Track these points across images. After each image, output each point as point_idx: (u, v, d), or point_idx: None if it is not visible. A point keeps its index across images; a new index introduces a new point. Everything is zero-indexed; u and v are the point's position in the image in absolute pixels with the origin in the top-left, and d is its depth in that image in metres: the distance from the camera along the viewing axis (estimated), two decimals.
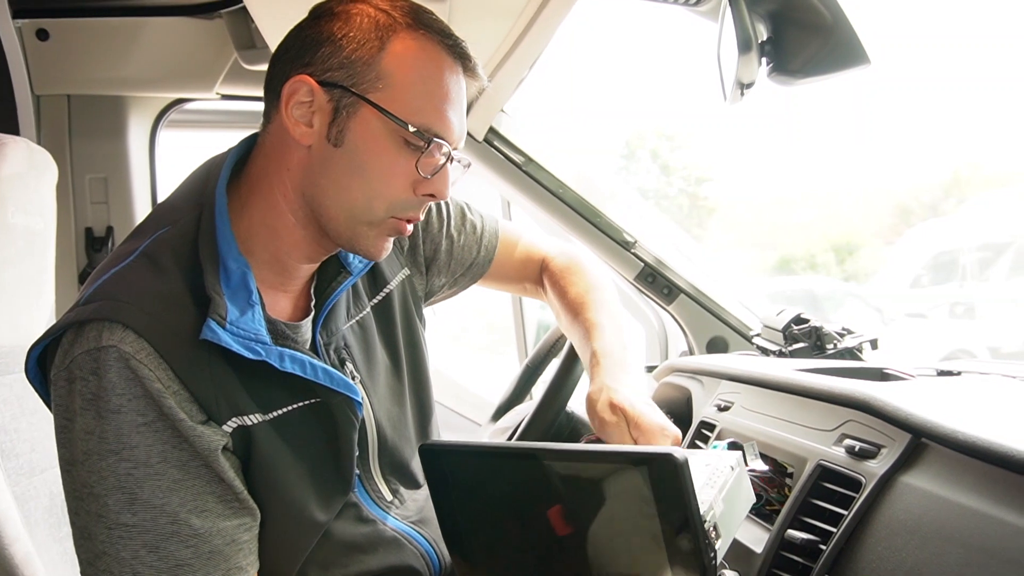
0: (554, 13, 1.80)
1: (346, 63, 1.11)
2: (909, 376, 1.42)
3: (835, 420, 1.18)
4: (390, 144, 1.13)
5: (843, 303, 10.04)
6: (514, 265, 1.59)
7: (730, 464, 1.04)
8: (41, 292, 1.75)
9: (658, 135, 13.55)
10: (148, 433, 1.05)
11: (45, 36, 2.25)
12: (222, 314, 1.09)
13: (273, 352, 1.13)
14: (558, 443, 1.09)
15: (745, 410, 1.46)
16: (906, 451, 1.02)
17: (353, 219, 1.16)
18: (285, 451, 1.16)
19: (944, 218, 10.95)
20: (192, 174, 1.24)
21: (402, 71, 1.12)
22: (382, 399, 1.33)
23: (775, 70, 1.38)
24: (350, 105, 1.12)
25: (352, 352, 1.30)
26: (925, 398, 1.10)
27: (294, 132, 1.13)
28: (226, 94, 2.48)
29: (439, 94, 1.14)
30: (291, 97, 1.12)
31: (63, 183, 2.20)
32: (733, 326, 2.40)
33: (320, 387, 1.18)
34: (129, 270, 1.11)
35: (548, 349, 1.91)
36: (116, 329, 1.05)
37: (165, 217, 1.18)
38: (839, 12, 1.29)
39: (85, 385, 1.04)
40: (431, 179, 1.16)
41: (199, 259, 1.12)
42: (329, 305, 1.26)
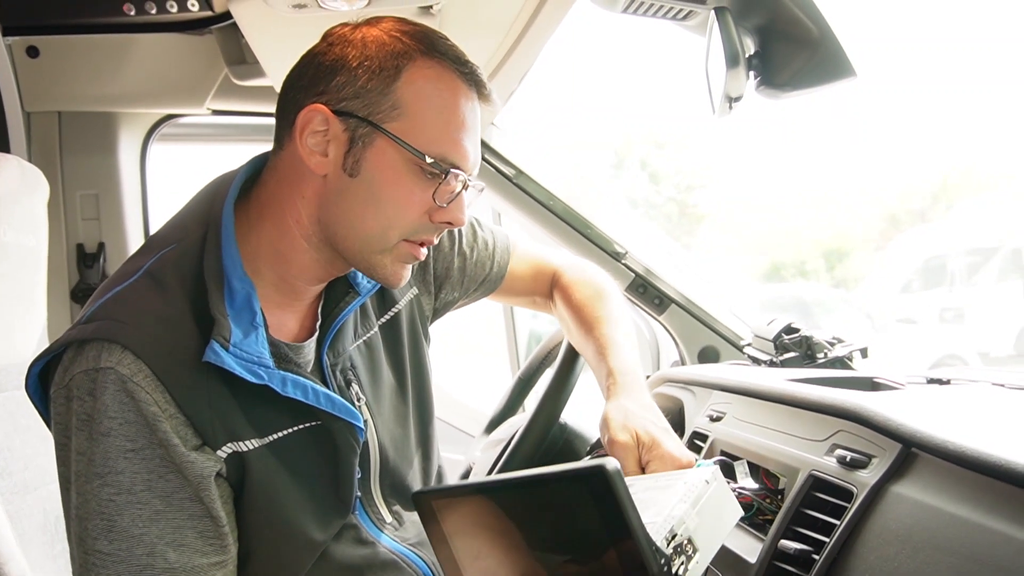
0: (543, 27, 1.81)
1: (361, 92, 1.11)
2: (899, 385, 1.43)
3: (826, 430, 1.19)
4: (406, 174, 1.13)
5: (834, 309, 10.06)
6: (525, 279, 1.59)
7: (704, 478, 1.05)
8: (33, 309, 1.75)
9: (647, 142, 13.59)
10: (135, 460, 1.05)
11: (35, 53, 2.24)
12: (226, 336, 1.09)
13: (275, 376, 1.13)
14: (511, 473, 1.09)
15: (737, 420, 1.47)
16: (897, 461, 1.03)
17: (368, 248, 1.16)
18: (282, 474, 1.16)
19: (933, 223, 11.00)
20: (200, 192, 1.24)
21: (418, 100, 1.12)
22: (386, 420, 1.33)
23: (762, 83, 1.40)
24: (366, 135, 1.12)
25: (358, 373, 1.29)
26: (915, 408, 1.11)
27: (309, 162, 1.13)
28: (217, 109, 2.48)
29: (455, 123, 1.14)
30: (306, 126, 1.12)
31: (54, 200, 2.20)
32: (724, 336, 2.41)
33: (321, 411, 1.18)
34: (132, 290, 1.12)
35: (541, 361, 1.92)
36: (115, 350, 1.05)
37: (171, 235, 1.18)
38: (825, 26, 1.30)
39: (81, 405, 1.05)
40: (447, 207, 1.16)
41: (203, 278, 1.12)
42: (336, 326, 1.26)
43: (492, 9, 1.74)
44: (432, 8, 1.66)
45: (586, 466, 0.96)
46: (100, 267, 2.44)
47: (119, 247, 2.46)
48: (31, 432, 1.65)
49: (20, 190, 1.71)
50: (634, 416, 1.20)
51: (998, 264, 8.99)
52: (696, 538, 0.99)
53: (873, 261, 11.36)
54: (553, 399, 1.60)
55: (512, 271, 1.56)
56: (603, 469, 0.92)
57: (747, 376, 1.56)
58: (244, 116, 2.57)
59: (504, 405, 1.97)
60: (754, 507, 1.28)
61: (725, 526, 1.03)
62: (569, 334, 1.56)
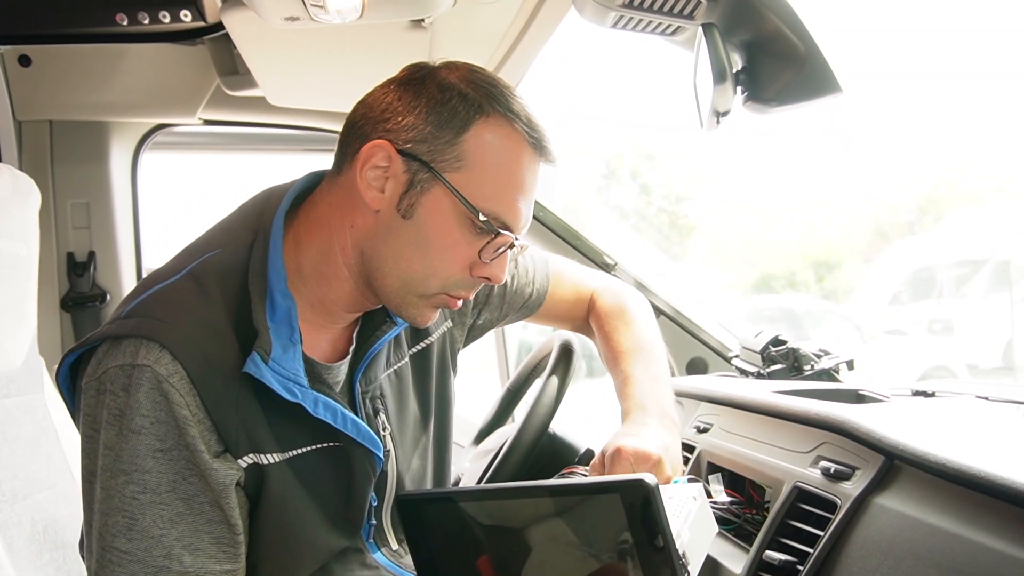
0: (534, 40, 1.83)
1: (428, 137, 1.12)
2: (884, 398, 1.45)
3: (811, 442, 1.20)
4: (457, 225, 1.13)
5: (823, 321, 10.08)
6: (563, 305, 1.59)
7: (692, 495, 1.07)
8: (23, 318, 1.75)
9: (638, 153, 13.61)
10: (163, 460, 1.05)
11: (27, 62, 2.25)
12: (267, 349, 1.09)
13: (309, 396, 1.14)
14: (530, 481, 1.10)
15: (724, 432, 1.48)
16: (880, 473, 1.04)
17: (406, 289, 1.16)
18: (298, 490, 1.17)
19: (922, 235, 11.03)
20: (251, 200, 1.25)
21: (482, 156, 1.12)
22: (407, 452, 1.33)
23: (750, 99, 1.41)
24: (425, 180, 1.12)
25: (387, 403, 1.30)
26: (899, 420, 1.13)
27: (365, 195, 1.13)
28: (209, 119, 2.49)
29: (514, 184, 1.15)
30: (368, 160, 1.13)
31: (45, 208, 2.18)
32: (713, 347, 2.42)
33: (343, 434, 1.18)
34: (174, 289, 1.12)
35: (530, 371, 1.92)
36: (154, 348, 1.05)
37: (217, 239, 1.19)
38: (811, 43, 1.32)
39: (114, 400, 1.05)
40: (489, 264, 1.17)
41: (246, 287, 1.13)
42: (372, 354, 1.26)
43: (483, 22, 1.75)
44: (424, 21, 1.68)
45: (625, 479, 0.98)
46: (90, 276, 2.44)
47: (110, 256, 2.46)
48: (19, 441, 1.65)
49: (11, 199, 1.71)
50: (625, 439, 1.18)
51: (986, 276, 9.01)
52: (688, 552, 1.00)
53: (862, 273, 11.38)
54: (542, 410, 1.60)
55: (550, 297, 1.57)
56: (643, 483, 0.94)
57: (734, 388, 1.57)
58: (236, 126, 2.58)
59: (493, 415, 1.97)
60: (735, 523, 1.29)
61: (707, 541, 1.06)
62: (603, 362, 1.55)
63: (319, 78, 2.02)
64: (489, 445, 1.76)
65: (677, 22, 1.40)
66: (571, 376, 1.62)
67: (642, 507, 0.95)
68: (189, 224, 1.35)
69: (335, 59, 1.88)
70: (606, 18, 1.44)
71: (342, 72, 1.97)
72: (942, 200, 11.31)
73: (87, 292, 2.43)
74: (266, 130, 2.61)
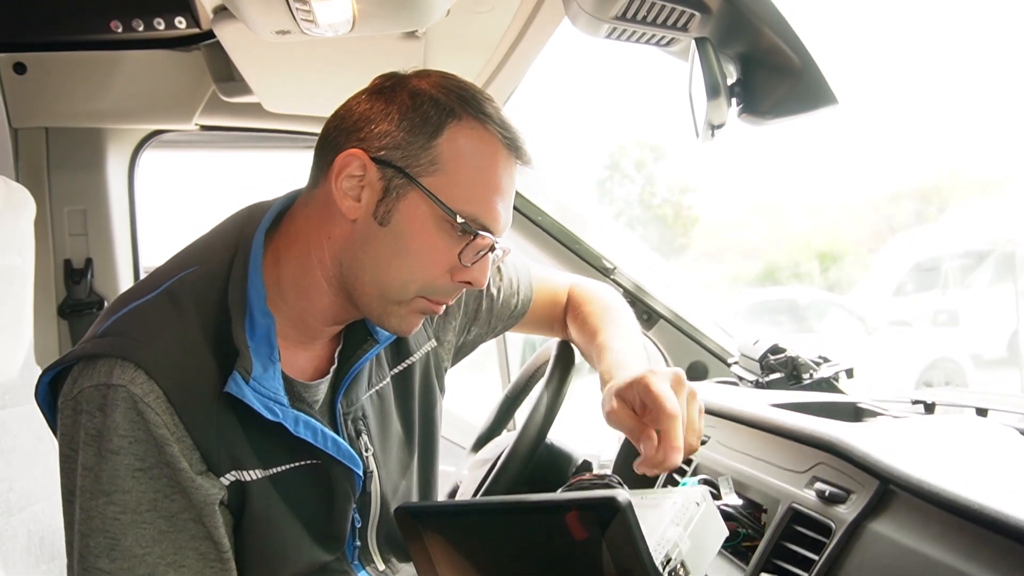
0: (529, 49, 1.81)
1: (402, 144, 1.11)
2: (883, 411, 1.44)
3: (807, 461, 1.19)
4: (435, 230, 1.13)
5: (826, 312, 10.06)
6: (544, 310, 1.59)
7: (695, 500, 1.05)
8: (19, 329, 1.74)
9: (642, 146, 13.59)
10: (143, 479, 1.05)
11: (22, 69, 2.23)
12: (248, 368, 1.09)
13: (289, 415, 1.14)
14: (510, 496, 1.09)
15: (721, 445, 1.47)
16: (874, 498, 1.03)
17: (385, 297, 1.16)
18: (280, 507, 1.16)
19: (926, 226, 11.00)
20: (232, 216, 1.24)
21: (457, 159, 1.12)
22: (391, 473, 1.33)
23: (745, 111, 1.40)
24: (401, 186, 1.12)
25: (369, 424, 1.29)
26: (894, 442, 1.12)
27: (341, 205, 1.13)
28: (205, 125, 2.47)
29: (491, 186, 1.14)
30: (343, 170, 1.12)
31: (41, 216, 2.19)
32: (713, 351, 2.42)
33: (324, 453, 1.18)
34: (149, 307, 1.12)
35: (528, 378, 1.91)
36: (128, 368, 1.05)
37: (196, 256, 1.19)
38: (807, 55, 1.30)
39: (90, 420, 1.05)
40: (470, 267, 1.16)
41: (225, 306, 1.12)
42: (353, 373, 1.26)
43: (477, 31, 1.74)
44: (417, 32, 1.66)
45: (597, 496, 0.96)
46: (87, 283, 2.43)
47: (107, 263, 2.45)
48: (15, 453, 1.64)
49: (6, 210, 1.70)
50: (617, 383, 1.17)
51: (991, 267, 8.99)
52: (687, 561, 1.00)
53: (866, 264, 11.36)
54: (540, 419, 1.59)
55: (533, 304, 1.57)
56: (614, 501, 0.93)
57: (732, 399, 1.56)
58: (233, 132, 2.57)
59: (492, 423, 1.96)
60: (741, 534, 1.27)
61: (713, 547, 1.04)
62: (579, 350, 1.56)
63: (315, 85, 2.01)
64: (487, 454, 1.75)
65: (671, 34, 1.39)
66: (568, 385, 1.61)
67: (617, 526, 0.93)
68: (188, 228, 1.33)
69: (330, 67, 1.87)
70: (600, 29, 1.43)
71: (338, 79, 1.95)
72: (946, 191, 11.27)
73: (84, 299, 2.41)
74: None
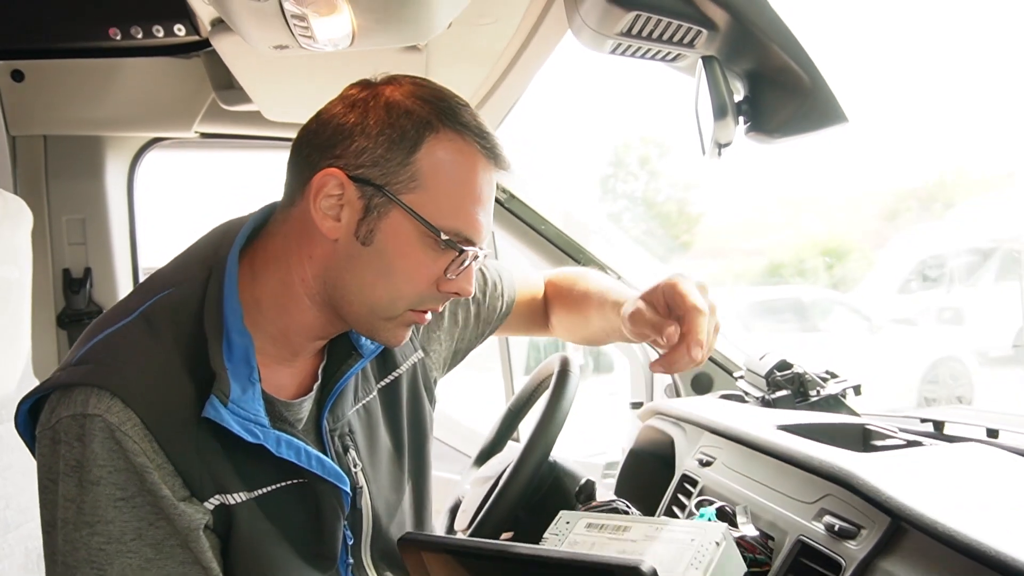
0: (531, 60, 1.79)
1: (380, 160, 1.09)
2: (892, 433, 1.41)
3: (815, 492, 1.16)
4: (419, 247, 1.11)
5: (830, 311, 10.03)
6: (526, 307, 1.60)
7: (715, 539, 1.03)
8: (16, 342, 1.73)
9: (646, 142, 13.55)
10: (126, 508, 1.04)
11: (20, 77, 2.23)
12: (225, 391, 1.07)
13: (271, 436, 1.12)
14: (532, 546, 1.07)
15: (727, 468, 1.45)
16: (885, 535, 1.00)
17: (373, 315, 1.15)
18: (268, 530, 1.15)
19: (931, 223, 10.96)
20: (206, 235, 1.23)
21: (437, 174, 1.10)
22: (382, 487, 1.31)
23: (752, 129, 1.37)
24: (382, 205, 1.10)
25: (356, 439, 1.28)
26: (905, 476, 1.09)
27: (321, 225, 1.11)
28: (205, 132, 2.46)
29: (472, 198, 1.12)
30: (320, 189, 1.10)
31: (40, 225, 2.18)
32: (719, 363, 2.39)
33: (309, 471, 1.17)
34: (124, 333, 1.10)
35: (531, 392, 1.90)
36: (104, 397, 1.03)
37: (170, 277, 1.17)
38: (817, 74, 1.28)
39: (69, 450, 1.03)
40: (456, 279, 1.15)
41: (201, 328, 1.11)
42: (338, 389, 1.24)
43: (479, 43, 1.72)
44: (418, 45, 1.64)
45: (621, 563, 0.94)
46: (86, 292, 2.42)
47: (106, 272, 2.44)
48: (12, 470, 1.63)
49: (2, 222, 1.69)
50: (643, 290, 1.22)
51: (996, 264, 8.96)
52: None
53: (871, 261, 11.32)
54: (543, 437, 1.57)
55: (516, 304, 1.57)
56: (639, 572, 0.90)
57: (738, 420, 1.53)
58: (232, 139, 2.55)
59: (494, 437, 1.94)
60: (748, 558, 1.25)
61: None
62: (572, 329, 1.58)
63: (315, 95, 1.97)
64: (490, 471, 1.73)
65: (677, 50, 1.36)
66: (571, 402, 1.59)
67: None
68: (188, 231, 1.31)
69: (331, 77, 1.83)
70: (604, 45, 1.40)
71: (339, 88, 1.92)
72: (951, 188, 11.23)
73: (84, 309, 2.41)
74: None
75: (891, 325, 9.60)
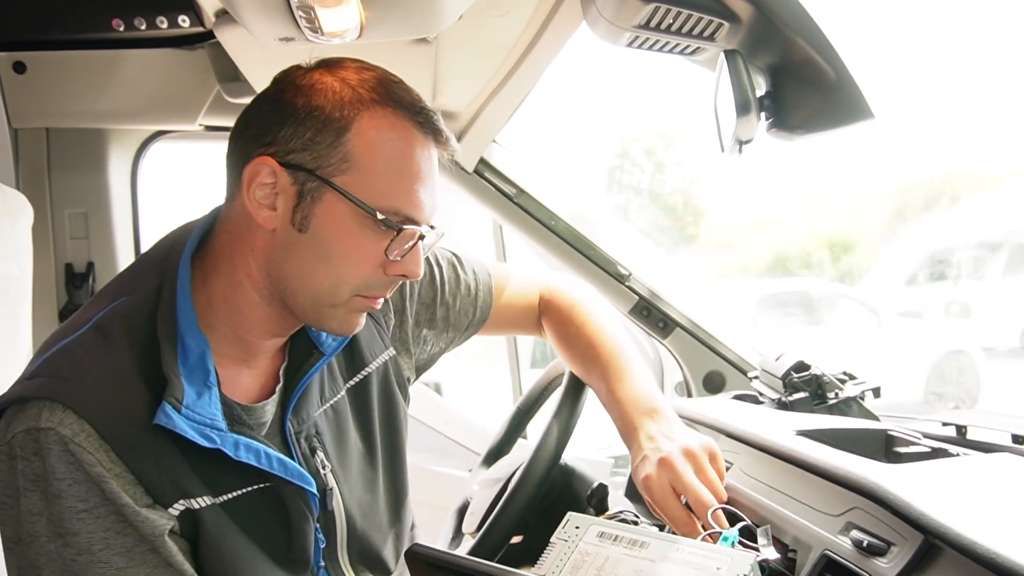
0: (543, 53, 1.75)
1: (310, 144, 1.07)
2: (916, 440, 1.36)
3: (841, 504, 1.12)
4: (357, 229, 1.09)
5: (837, 304, 10.01)
6: (511, 313, 1.56)
7: (743, 572, 1.00)
8: (16, 340, 1.70)
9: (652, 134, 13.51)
10: (89, 520, 1.03)
11: (22, 69, 2.19)
12: (178, 397, 1.06)
13: (228, 440, 1.10)
14: None
15: (745, 475, 1.40)
16: (918, 553, 0.95)
17: (318, 303, 1.13)
18: (236, 535, 1.14)
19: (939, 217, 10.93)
20: (159, 242, 1.22)
21: (369, 153, 1.08)
22: (354, 487, 1.29)
23: (774, 125, 1.33)
24: (315, 189, 1.08)
25: (324, 440, 1.26)
26: (937, 490, 1.04)
27: (257, 216, 1.09)
28: (210, 125, 2.42)
29: (409, 174, 1.10)
30: (253, 179, 1.08)
31: (42, 219, 2.16)
32: (732, 361, 2.36)
33: (273, 475, 1.15)
34: (78, 344, 1.09)
35: (541, 391, 1.86)
36: (56, 410, 1.02)
37: (125, 286, 1.15)
38: (843, 68, 1.23)
39: (28, 465, 1.02)
40: (401, 260, 1.12)
41: (155, 334, 1.09)
42: (300, 390, 1.22)
43: (489, 37, 1.67)
44: (428, 38, 1.60)
45: None
46: (89, 287, 2.40)
47: (109, 267, 2.41)
48: None
49: (2, 218, 1.66)
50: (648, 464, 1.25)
51: (1004, 258, 8.95)
52: None
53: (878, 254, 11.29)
54: (554, 439, 1.54)
55: (496, 308, 1.53)
56: None
57: (756, 424, 1.49)
58: None
59: (502, 436, 1.91)
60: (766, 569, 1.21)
61: None
62: (569, 365, 1.54)
63: None
64: (499, 473, 1.70)
65: (697, 43, 1.32)
66: (582, 405, 1.56)
67: None
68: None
69: None
70: (620, 37, 1.36)
71: None
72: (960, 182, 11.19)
73: None
74: None
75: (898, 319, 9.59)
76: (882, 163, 11.31)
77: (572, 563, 1.14)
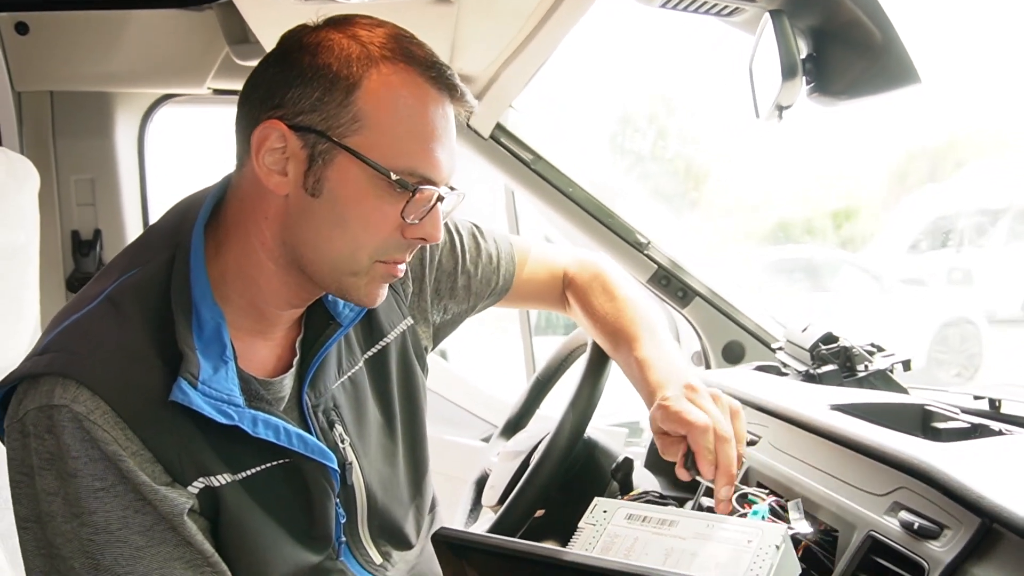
0: (567, 15, 1.69)
1: (318, 105, 1.02)
2: (953, 415, 1.33)
3: (886, 484, 1.08)
4: (372, 192, 1.04)
5: (840, 271, 9.99)
6: (533, 286, 1.52)
7: (774, 543, 0.97)
8: (22, 310, 1.66)
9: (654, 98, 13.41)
10: (107, 499, 1.00)
11: (25, 30, 2.13)
12: (194, 373, 1.02)
13: (246, 416, 1.07)
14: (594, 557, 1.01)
15: (775, 450, 1.37)
16: (976, 537, 0.92)
17: (337, 270, 1.09)
18: (256, 512, 1.11)
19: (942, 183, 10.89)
20: (170, 211, 1.18)
21: (381, 111, 1.03)
22: (373, 461, 1.26)
23: (816, 90, 1.27)
24: (326, 152, 1.03)
25: (342, 413, 1.22)
26: (991, 471, 1.01)
27: (268, 182, 1.05)
28: (218, 88, 2.36)
29: (424, 132, 1.05)
30: (262, 144, 1.04)
31: (47, 185, 2.11)
32: (752, 331, 2.32)
33: (292, 451, 1.12)
34: (90, 318, 1.05)
35: (561, 361, 1.83)
36: (70, 386, 0.99)
37: (136, 257, 1.11)
38: (890, 30, 1.18)
39: (41, 443, 0.99)
40: (420, 223, 1.08)
41: (169, 307, 1.06)
42: (317, 362, 1.18)
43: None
44: None
45: None
46: (96, 255, 2.36)
47: (116, 234, 2.38)
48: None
49: (8, 184, 1.61)
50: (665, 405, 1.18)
51: (1007, 225, 8.94)
52: None
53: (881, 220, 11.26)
54: (579, 412, 1.51)
55: (518, 281, 1.50)
56: None
57: (785, 396, 1.45)
58: None
59: (521, 407, 1.88)
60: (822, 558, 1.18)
61: None
62: (595, 338, 1.50)
63: None
64: (519, 446, 1.68)
65: (736, 3, 1.27)
66: (606, 378, 1.53)
67: None
68: None
69: None
70: None
71: None
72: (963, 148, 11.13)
73: (93, 272, 2.32)
74: None
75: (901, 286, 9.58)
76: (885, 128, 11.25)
77: (601, 546, 1.11)
